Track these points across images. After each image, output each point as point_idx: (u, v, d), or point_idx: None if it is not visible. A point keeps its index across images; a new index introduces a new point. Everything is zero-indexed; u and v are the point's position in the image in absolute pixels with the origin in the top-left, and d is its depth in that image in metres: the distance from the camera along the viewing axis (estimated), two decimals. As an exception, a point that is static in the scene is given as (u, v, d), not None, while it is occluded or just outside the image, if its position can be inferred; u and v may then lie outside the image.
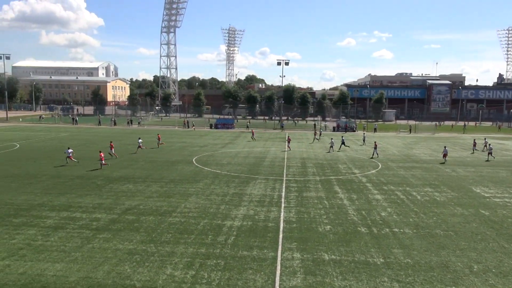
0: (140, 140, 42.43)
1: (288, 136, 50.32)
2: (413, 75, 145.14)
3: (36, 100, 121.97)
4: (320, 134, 61.51)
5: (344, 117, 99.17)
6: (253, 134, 58.32)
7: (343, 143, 46.89)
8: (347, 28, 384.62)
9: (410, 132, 73.20)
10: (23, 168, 31.15)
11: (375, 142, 43.46)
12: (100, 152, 32.59)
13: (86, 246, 15.80)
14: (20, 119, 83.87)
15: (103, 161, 31.91)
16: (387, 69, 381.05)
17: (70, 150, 33.60)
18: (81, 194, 23.76)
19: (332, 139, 47.95)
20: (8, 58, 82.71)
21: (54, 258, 14.54)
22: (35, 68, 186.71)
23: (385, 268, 14.42)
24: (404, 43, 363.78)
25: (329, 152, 44.65)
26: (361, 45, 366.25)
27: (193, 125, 76.38)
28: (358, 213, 21.19)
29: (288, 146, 46.60)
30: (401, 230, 18.51)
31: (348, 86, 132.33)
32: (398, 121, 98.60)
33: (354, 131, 73.86)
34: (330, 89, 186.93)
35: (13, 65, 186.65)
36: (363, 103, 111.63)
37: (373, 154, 41.27)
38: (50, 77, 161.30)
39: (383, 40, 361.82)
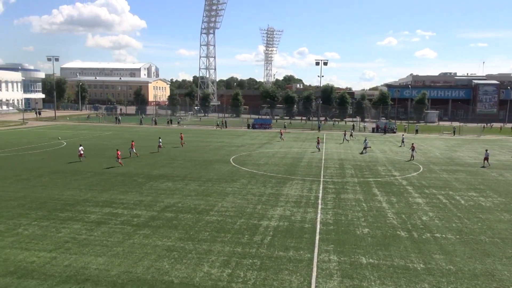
0: (160, 140, 43.09)
1: (318, 138, 49.50)
2: (457, 74, 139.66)
3: (82, 100, 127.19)
4: (351, 135, 60.39)
5: (384, 118, 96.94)
6: (281, 134, 58.34)
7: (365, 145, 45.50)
8: (388, 27, 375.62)
9: (454, 134, 70.51)
10: (69, 165, 32.56)
11: (412, 144, 42.19)
12: (117, 150, 33.40)
13: (127, 241, 16.32)
14: (68, 118, 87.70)
15: (119, 159, 32.71)
16: (430, 68, 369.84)
17: (81, 148, 35.36)
18: (123, 191, 24.55)
19: (366, 139, 47.10)
20: (57, 60, 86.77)
21: (97, 252, 15.11)
22: (81, 69, 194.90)
23: (425, 274, 13.98)
24: (449, 42, 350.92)
25: (362, 153, 43.83)
26: (403, 44, 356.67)
27: (217, 125, 77.31)
28: (397, 216, 20.66)
29: (318, 147, 45.82)
30: (443, 236, 17.88)
31: (388, 86, 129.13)
32: (441, 123, 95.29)
33: (394, 132, 72.02)
34: (370, 89, 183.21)
35: (61, 66, 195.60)
36: (404, 103, 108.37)
37: (411, 157, 40.03)
38: (95, 78, 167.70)
39: (426, 39, 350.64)
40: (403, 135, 58.96)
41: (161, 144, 42.27)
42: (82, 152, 35.00)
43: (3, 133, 57.21)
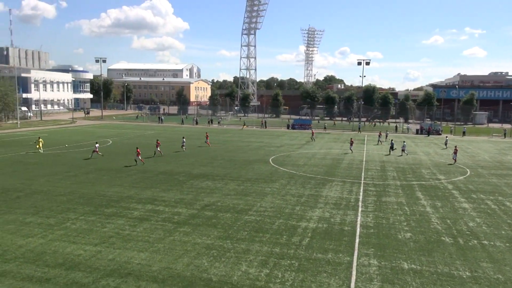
0: (184, 140, 42.85)
1: (351, 139, 48.10)
2: (509, 74, 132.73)
3: (127, 100, 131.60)
4: (386, 136, 58.54)
5: (428, 119, 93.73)
6: (312, 134, 57.95)
7: (391, 147, 43.98)
8: (434, 25, 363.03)
9: (505, 137, 67.01)
10: (114, 163, 33.76)
11: (455, 147, 40.44)
12: (137, 148, 33.99)
13: (168, 238, 16.71)
14: (114, 117, 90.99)
15: (140, 157, 32.99)
16: (479, 68, 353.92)
17: (97, 145, 37.03)
18: (165, 188, 25.17)
19: (404, 142, 45.82)
20: (104, 61, 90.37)
21: (139, 248, 15.58)
22: (127, 70, 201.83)
23: (471, 282, 13.38)
24: (500, 40, 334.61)
25: (401, 155, 42.68)
26: (450, 42, 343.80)
27: (244, 124, 77.96)
28: (442, 221, 19.91)
29: (351, 149, 44.57)
30: (491, 243, 17.04)
31: (434, 86, 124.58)
32: (491, 125, 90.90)
33: (440, 134, 69.43)
34: (414, 89, 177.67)
35: (108, 67, 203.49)
36: (451, 104, 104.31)
37: (454, 160, 38.30)
38: (140, 79, 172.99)
39: (475, 37, 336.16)
40: (446, 137, 56.75)
41: (184, 143, 42.21)
42: (97, 149, 36.48)
43: (54, 131, 60.22)
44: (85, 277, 13.02)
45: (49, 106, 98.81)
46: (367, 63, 78.75)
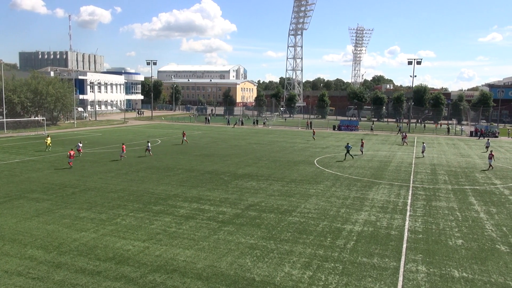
0: (149, 144, 38.93)
1: (362, 140, 45.51)
2: None
3: (176, 101, 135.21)
4: (404, 138, 55.47)
5: (484, 120, 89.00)
6: (313, 134, 58.83)
7: (348, 151, 39.08)
8: (492, 21, 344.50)
9: None
10: (162, 162, 34.80)
11: (491, 152, 36.83)
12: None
13: (212, 236, 17.00)
14: (163, 118, 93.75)
15: (71, 160, 31.33)
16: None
17: (80, 144, 37.43)
18: (210, 188, 25.62)
19: (424, 143, 45.19)
20: (155, 63, 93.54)
21: (185, 245, 15.97)
22: (176, 72, 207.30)
23: (529, 294, 12.58)
24: None
25: (423, 157, 41.36)
26: (509, 40, 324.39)
27: (236, 123, 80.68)
28: (497, 228, 18.86)
29: (360, 150, 41.83)
30: (553, 253, 15.91)
31: (491, 86, 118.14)
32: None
33: (496, 136, 65.69)
34: (469, 89, 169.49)
35: (158, 69, 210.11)
36: (509, 105, 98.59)
37: (489, 166, 35.13)
38: (188, 80, 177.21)
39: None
40: (488, 139, 53.23)
41: (149, 148, 38.34)
42: (80, 148, 37.12)
43: (108, 131, 63.03)
44: (133, 272, 13.53)
45: (103, 107, 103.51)
46: (418, 63, 75.98)
